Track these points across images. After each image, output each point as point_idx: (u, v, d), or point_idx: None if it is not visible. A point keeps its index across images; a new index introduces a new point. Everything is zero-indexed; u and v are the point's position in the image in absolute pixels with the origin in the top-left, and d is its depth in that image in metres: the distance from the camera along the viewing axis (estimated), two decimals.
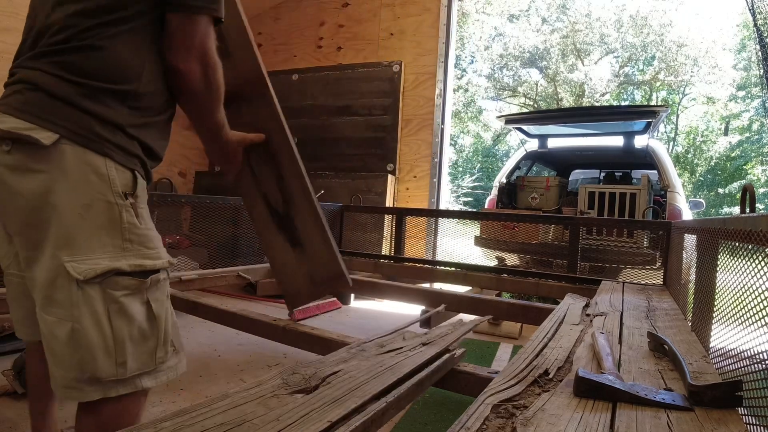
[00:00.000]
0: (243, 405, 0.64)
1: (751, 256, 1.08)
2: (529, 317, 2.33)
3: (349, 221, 4.25)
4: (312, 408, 0.64)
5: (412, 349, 0.95)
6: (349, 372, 0.78)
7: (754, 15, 2.80)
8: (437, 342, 0.99)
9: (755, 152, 18.60)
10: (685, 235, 2.15)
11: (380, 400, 0.71)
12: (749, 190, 1.39)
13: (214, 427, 0.56)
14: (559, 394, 0.85)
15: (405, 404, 0.78)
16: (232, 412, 0.61)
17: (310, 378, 0.75)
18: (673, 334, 1.39)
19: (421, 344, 0.99)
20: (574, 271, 2.99)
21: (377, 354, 0.91)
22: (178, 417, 0.59)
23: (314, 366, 0.81)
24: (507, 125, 4.89)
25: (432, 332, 1.14)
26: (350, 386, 0.72)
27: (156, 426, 0.56)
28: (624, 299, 1.97)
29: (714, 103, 20.03)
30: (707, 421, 0.77)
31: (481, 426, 0.71)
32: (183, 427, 0.56)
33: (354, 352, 0.95)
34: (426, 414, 1.93)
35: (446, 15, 4.65)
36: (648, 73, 21.24)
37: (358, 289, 3.23)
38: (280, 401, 0.66)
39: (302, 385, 0.72)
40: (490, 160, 23.45)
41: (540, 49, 20.85)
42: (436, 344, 0.97)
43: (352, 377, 0.76)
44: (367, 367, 0.82)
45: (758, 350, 0.94)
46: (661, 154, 4.44)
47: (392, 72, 4.67)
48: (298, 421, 0.60)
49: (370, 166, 4.65)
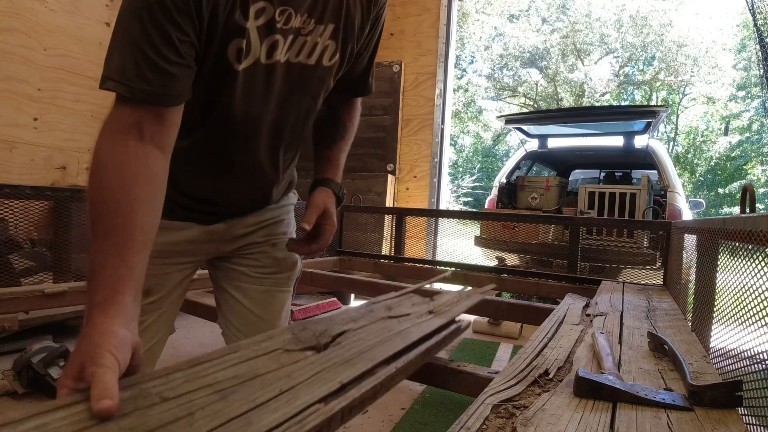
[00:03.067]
0: (254, 359, 0.64)
1: (751, 256, 1.08)
2: (529, 317, 2.33)
3: (349, 221, 4.25)
4: (323, 367, 0.65)
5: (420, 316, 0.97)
6: (359, 334, 0.80)
7: (754, 15, 2.80)
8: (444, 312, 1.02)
9: (755, 152, 18.61)
10: (685, 235, 2.15)
11: (390, 365, 0.71)
12: (749, 190, 1.39)
13: (227, 380, 0.56)
14: (559, 394, 0.85)
15: (412, 370, 0.79)
16: (244, 365, 0.61)
17: (320, 335, 0.75)
18: (673, 334, 1.39)
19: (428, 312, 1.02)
20: (574, 271, 2.99)
21: (385, 317, 0.93)
22: (191, 368, 0.58)
23: (324, 323, 0.83)
24: (507, 125, 4.90)
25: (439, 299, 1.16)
26: (360, 348, 0.73)
27: (168, 376, 0.56)
28: (624, 299, 1.97)
29: (714, 103, 20.04)
30: (707, 421, 0.77)
31: (481, 426, 0.71)
32: (196, 378, 0.56)
33: (363, 312, 0.97)
34: (426, 414, 1.93)
35: (446, 15, 4.65)
36: (648, 73, 21.26)
37: (358, 289, 3.23)
38: (291, 357, 0.66)
39: (313, 342, 0.72)
40: (490, 160, 23.46)
41: (540, 49, 20.86)
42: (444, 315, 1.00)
43: (362, 339, 0.78)
44: (376, 331, 0.83)
45: (758, 350, 0.94)
46: (661, 154, 4.44)
47: (392, 72, 4.67)
48: (310, 379, 0.61)
49: (370, 166, 4.65)
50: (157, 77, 0.70)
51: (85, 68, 3.61)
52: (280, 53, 0.85)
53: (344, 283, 3.17)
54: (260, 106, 0.88)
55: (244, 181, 0.98)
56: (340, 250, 4.13)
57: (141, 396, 0.51)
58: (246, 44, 0.80)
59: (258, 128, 0.91)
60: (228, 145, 0.91)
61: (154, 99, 0.70)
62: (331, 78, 0.96)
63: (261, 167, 0.97)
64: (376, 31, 1.01)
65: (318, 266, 3.59)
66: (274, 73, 0.86)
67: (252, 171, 0.97)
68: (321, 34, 0.88)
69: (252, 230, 1.07)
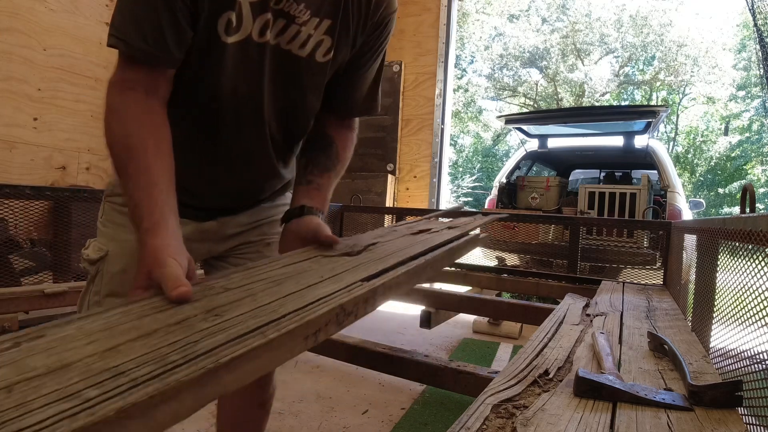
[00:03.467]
0: (299, 263, 0.73)
1: (751, 256, 1.08)
2: (529, 317, 2.33)
3: (349, 221, 4.25)
4: (360, 263, 0.74)
5: (439, 231, 1.03)
6: (387, 244, 0.87)
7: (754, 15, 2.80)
8: (461, 227, 1.09)
9: (755, 152, 18.60)
10: (685, 235, 2.15)
11: (419, 259, 0.79)
12: (749, 190, 1.39)
13: (280, 276, 0.66)
14: (559, 394, 0.85)
15: (440, 267, 0.88)
16: (291, 267, 0.71)
17: (352, 246, 0.83)
18: (673, 334, 1.39)
19: (447, 228, 1.09)
20: (574, 271, 2.99)
21: (408, 234, 0.99)
22: (246, 270, 0.68)
23: (353, 239, 0.91)
24: (507, 125, 4.90)
25: (455, 221, 1.22)
26: (390, 251, 0.82)
27: (227, 276, 0.65)
28: (624, 299, 1.97)
29: (714, 103, 20.04)
30: (707, 421, 0.77)
31: (481, 426, 0.71)
32: (252, 275, 0.66)
33: (387, 231, 1.03)
34: (426, 414, 1.93)
35: (446, 15, 4.65)
36: (648, 73, 21.25)
37: None
38: (330, 260, 0.75)
39: (347, 250, 0.81)
40: (490, 160, 23.45)
41: (540, 49, 20.85)
42: (460, 228, 1.07)
43: (390, 247, 0.85)
44: (402, 241, 0.90)
45: (758, 350, 0.94)
46: (661, 154, 4.44)
47: (392, 72, 4.67)
48: (350, 270, 0.70)
49: (370, 166, 4.65)
50: (157, 38, 0.74)
51: (85, 68, 3.61)
52: (270, 34, 0.84)
53: None
54: (250, 87, 0.87)
55: (231, 170, 0.95)
56: None
57: (207, 288, 0.60)
58: (237, 18, 0.80)
59: (247, 112, 0.89)
60: (216, 127, 0.89)
61: (154, 59, 0.76)
62: (325, 76, 0.94)
63: (250, 155, 0.94)
64: (380, 39, 0.97)
65: None
66: (265, 55, 0.85)
67: (241, 158, 0.94)
68: (316, 27, 0.87)
69: (245, 229, 1.05)
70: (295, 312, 0.53)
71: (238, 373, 0.44)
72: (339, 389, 2.15)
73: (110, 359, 0.41)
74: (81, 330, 0.47)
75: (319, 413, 1.90)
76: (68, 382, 0.38)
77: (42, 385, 0.37)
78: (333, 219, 4.14)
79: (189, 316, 0.51)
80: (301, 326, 0.51)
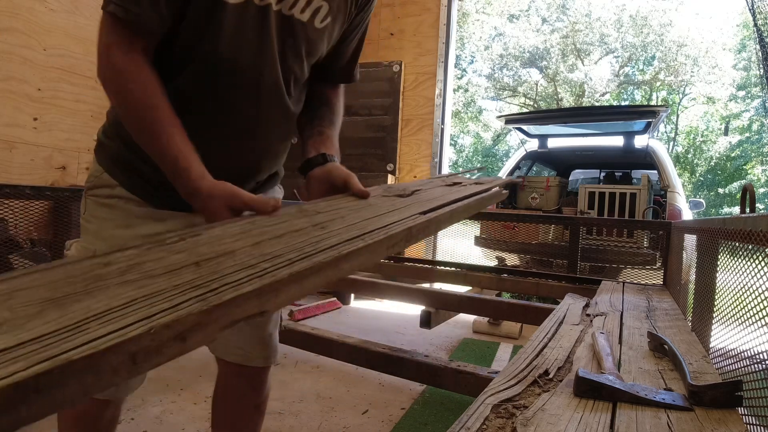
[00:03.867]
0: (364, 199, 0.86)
1: (751, 256, 1.08)
2: (529, 317, 2.33)
3: None
4: (412, 203, 0.87)
5: (467, 186, 1.16)
6: (428, 191, 1.01)
7: (754, 15, 2.80)
8: (486, 183, 1.22)
9: (755, 152, 18.60)
10: (685, 235, 2.15)
11: (458, 203, 0.94)
12: (749, 190, 1.39)
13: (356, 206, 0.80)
14: (559, 394, 0.85)
15: (472, 212, 1.05)
16: (360, 202, 0.85)
17: (403, 189, 0.97)
18: (673, 334, 1.39)
19: (474, 183, 1.22)
20: (574, 271, 2.99)
21: (443, 185, 1.12)
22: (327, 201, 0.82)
23: (401, 185, 1.03)
24: (507, 125, 4.90)
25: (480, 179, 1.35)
26: (433, 196, 0.95)
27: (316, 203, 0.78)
28: (624, 299, 1.97)
29: (714, 103, 20.04)
30: (707, 421, 0.77)
31: (481, 426, 0.71)
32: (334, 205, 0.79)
33: (425, 182, 1.14)
34: (426, 414, 1.93)
35: (446, 15, 4.64)
36: (648, 73, 21.25)
37: (358, 289, 3.23)
38: (387, 200, 0.88)
39: (399, 192, 0.94)
40: (490, 160, 23.45)
41: (540, 49, 20.85)
42: (485, 184, 1.20)
43: (432, 193, 0.98)
44: (440, 191, 1.04)
45: (758, 350, 0.94)
46: (661, 154, 4.44)
47: (392, 72, 4.67)
48: (407, 206, 0.84)
49: (370, 166, 4.65)
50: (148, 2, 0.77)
51: (85, 68, 3.61)
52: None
53: (344, 283, 3.17)
54: (252, 56, 0.84)
55: (231, 143, 0.91)
56: None
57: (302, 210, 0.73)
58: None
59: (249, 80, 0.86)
60: (212, 98, 0.86)
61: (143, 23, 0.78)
62: (323, 43, 0.93)
63: (252, 127, 0.91)
64: (366, 14, 1.01)
65: None
66: (268, 20, 0.83)
67: (242, 130, 0.91)
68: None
69: None
70: (379, 229, 0.69)
71: (349, 264, 0.59)
72: (339, 389, 2.15)
73: (261, 248, 0.55)
74: (225, 232, 0.61)
75: (319, 413, 1.90)
76: (241, 260, 0.51)
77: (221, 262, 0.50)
78: None
79: (302, 228, 0.65)
80: (386, 238, 0.67)
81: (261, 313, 0.48)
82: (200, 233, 0.59)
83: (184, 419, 1.79)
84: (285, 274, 0.49)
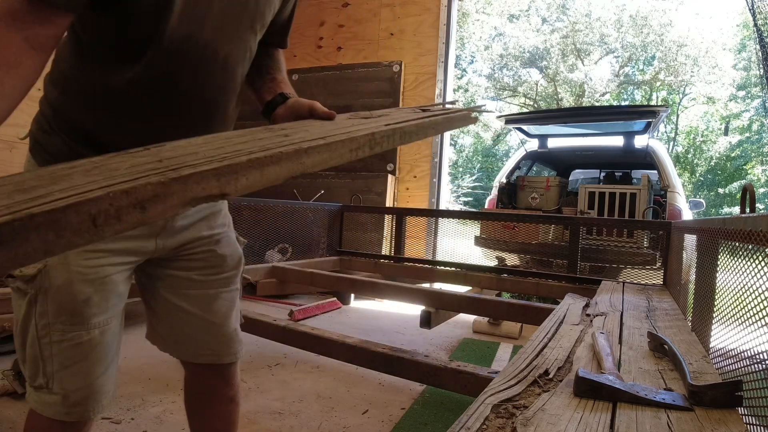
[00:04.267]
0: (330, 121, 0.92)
1: (751, 256, 1.08)
2: (529, 317, 2.33)
3: (349, 221, 4.25)
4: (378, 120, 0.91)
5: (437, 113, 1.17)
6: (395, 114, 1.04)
7: (754, 15, 2.80)
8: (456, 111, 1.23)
9: (755, 152, 18.60)
10: (685, 235, 2.15)
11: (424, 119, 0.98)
12: (749, 190, 1.39)
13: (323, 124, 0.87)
14: (559, 394, 0.85)
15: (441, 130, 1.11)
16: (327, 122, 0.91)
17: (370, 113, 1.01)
18: (673, 334, 1.39)
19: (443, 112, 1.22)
20: (574, 271, 2.99)
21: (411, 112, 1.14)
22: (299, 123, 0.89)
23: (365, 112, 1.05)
24: (507, 125, 4.90)
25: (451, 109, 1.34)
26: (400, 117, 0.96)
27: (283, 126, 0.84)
28: (624, 299, 1.97)
29: (714, 103, 20.04)
30: (707, 421, 0.77)
31: (481, 426, 0.71)
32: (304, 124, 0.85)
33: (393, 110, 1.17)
34: (426, 414, 1.93)
35: (446, 15, 4.64)
36: (648, 73, 21.25)
37: (358, 289, 3.23)
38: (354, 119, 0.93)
39: (365, 115, 0.99)
40: (490, 160, 23.45)
41: (540, 49, 20.85)
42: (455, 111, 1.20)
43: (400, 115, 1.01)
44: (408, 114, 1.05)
45: (758, 350, 0.94)
46: (661, 154, 4.44)
47: (392, 72, 4.67)
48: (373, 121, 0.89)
49: (370, 165, 4.65)
50: None
51: None
52: None
53: (344, 283, 3.17)
54: (205, 30, 0.82)
55: (185, 126, 0.88)
56: (340, 250, 4.13)
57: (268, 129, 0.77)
58: None
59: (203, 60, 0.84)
60: (171, 81, 0.83)
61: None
62: (269, 12, 0.93)
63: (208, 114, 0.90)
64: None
65: (318, 266, 3.59)
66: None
67: (196, 118, 0.89)
68: None
69: (191, 222, 0.99)
70: (342, 133, 0.72)
71: (310, 159, 0.63)
72: (339, 389, 2.15)
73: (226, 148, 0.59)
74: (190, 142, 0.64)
75: (319, 413, 1.90)
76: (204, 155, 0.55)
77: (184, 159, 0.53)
78: (333, 218, 4.14)
79: (266, 137, 0.68)
80: (348, 140, 0.70)
81: (222, 194, 0.51)
82: (164, 144, 0.62)
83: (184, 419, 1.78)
84: (244, 159, 0.53)
